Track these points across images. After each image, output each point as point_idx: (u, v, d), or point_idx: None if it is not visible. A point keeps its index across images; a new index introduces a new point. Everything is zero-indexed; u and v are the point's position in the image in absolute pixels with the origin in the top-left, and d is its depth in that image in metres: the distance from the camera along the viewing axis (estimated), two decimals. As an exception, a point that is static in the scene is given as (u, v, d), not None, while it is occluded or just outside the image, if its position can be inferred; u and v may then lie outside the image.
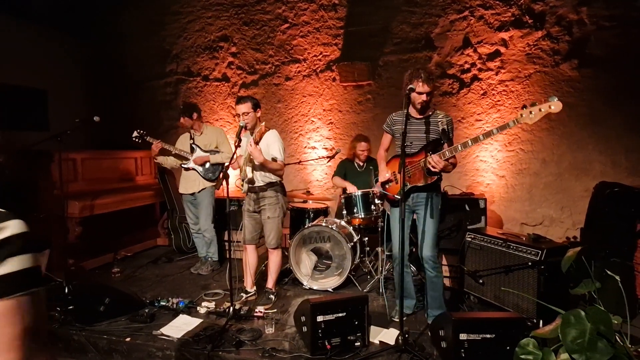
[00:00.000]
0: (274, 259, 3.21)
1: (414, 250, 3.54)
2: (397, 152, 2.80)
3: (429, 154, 2.58)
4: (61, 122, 4.72)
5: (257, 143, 2.80)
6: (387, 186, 2.86)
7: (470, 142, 2.48)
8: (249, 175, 2.96)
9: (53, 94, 5.08)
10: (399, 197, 2.41)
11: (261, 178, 3.03)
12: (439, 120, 2.66)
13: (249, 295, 3.23)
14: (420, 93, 2.54)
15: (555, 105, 2.23)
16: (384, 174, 2.84)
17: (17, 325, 0.80)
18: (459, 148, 2.49)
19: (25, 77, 4.75)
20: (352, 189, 3.73)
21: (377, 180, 3.00)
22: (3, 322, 0.79)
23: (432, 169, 2.55)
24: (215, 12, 5.15)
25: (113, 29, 5.52)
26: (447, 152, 2.52)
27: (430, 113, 2.71)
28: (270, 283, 3.25)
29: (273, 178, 3.06)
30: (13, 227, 0.84)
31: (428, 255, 2.71)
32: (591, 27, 3.88)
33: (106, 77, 5.63)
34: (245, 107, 2.94)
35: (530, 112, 2.29)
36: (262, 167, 2.91)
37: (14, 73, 4.57)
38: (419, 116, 2.69)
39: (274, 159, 2.96)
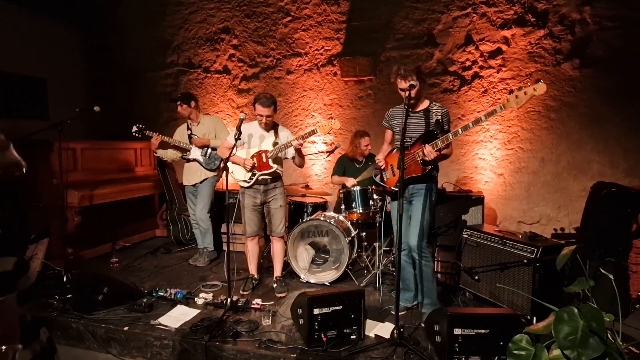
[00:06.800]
0: (282, 246, 3.38)
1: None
2: (397, 145, 2.83)
3: (423, 145, 2.62)
4: (61, 111, 4.72)
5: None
6: (385, 178, 2.88)
7: (460, 131, 2.52)
8: (273, 167, 3.13)
9: (53, 82, 5.06)
10: (396, 189, 2.43)
11: (277, 169, 3.19)
12: (434, 111, 2.71)
13: (256, 281, 3.42)
14: (402, 89, 2.58)
15: (538, 88, 2.27)
16: (379, 157, 2.89)
17: None
18: (450, 137, 2.54)
19: (25, 66, 4.73)
20: (350, 182, 3.74)
21: (375, 174, 3.01)
22: None
23: (426, 159, 2.60)
24: (217, 4, 5.12)
25: (114, 19, 5.49)
26: (439, 142, 2.56)
27: (426, 106, 2.74)
28: (279, 270, 3.38)
29: (282, 170, 3.29)
30: None
31: (414, 244, 2.74)
32: (593, 27, 3.88)
33: (106, 67, 5.61)
34: (271, 110, 3.04)
35: (516, 97, 2.35)
36: (300, 155, 3.15)
37: (13, 61, 4.56)
38: (413, 110, 2.72)
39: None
